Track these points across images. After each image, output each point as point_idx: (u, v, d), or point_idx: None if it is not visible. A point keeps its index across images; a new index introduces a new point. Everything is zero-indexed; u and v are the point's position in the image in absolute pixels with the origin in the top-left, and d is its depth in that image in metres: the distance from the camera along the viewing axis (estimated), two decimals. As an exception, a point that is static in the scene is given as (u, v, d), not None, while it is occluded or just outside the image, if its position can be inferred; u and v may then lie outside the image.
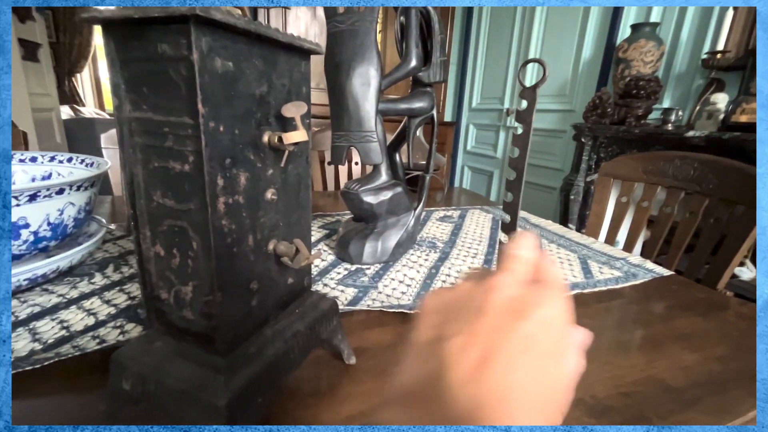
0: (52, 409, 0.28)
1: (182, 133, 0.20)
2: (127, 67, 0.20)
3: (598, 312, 0.48)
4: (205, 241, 0.21)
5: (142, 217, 0.22)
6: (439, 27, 0.56)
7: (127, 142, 0.21)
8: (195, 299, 0.22)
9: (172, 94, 0.19)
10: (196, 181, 0.20)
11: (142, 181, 0.22)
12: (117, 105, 0.21)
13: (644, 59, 1.34)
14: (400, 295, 0.49)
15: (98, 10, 0.18)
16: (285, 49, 0.24)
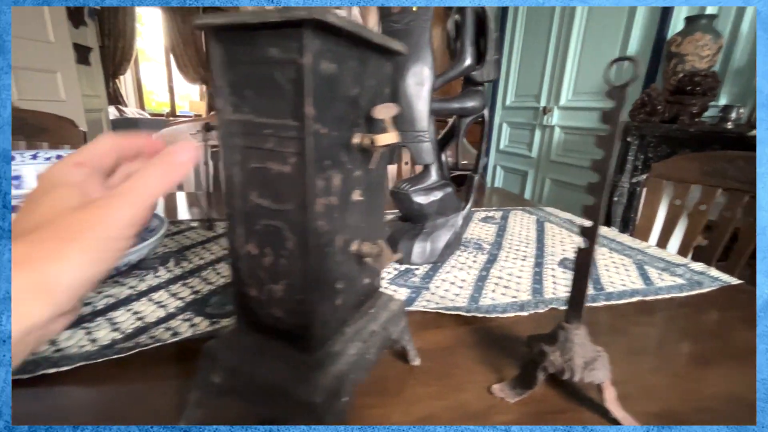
0: (134, 398, 0.30)
1: (284, 135, 0.20)
2: (232, 71, 0.20)
3: (665, 321, 0.46)
4: (301, 241, 0.21)
5: (236, 216, 0.23)
6: (495, 25, 0.55)
7: (227, 144, 0.22)
8: (285, 297, 0.23)
9: (277, 96, 0.20)
10: (296, 183, 0.20)
11: (239, 182, 0.22)
12: (219, 107, 0.21)
13: (700, 53, 1.26)
14: (453, 297, 0.48)
15: (213, 17, 0.19)
16: (375, 50, 0.24)
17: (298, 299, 0.23)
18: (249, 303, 0.24)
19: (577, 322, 0.30)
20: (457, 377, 0.34)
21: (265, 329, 0.25)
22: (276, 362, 0.23)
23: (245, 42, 0.19)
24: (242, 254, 0.23)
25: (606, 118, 0.27)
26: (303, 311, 0.23)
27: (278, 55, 0.19)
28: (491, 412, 0.30)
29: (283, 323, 0.24)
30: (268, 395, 0.22)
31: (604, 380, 0.29)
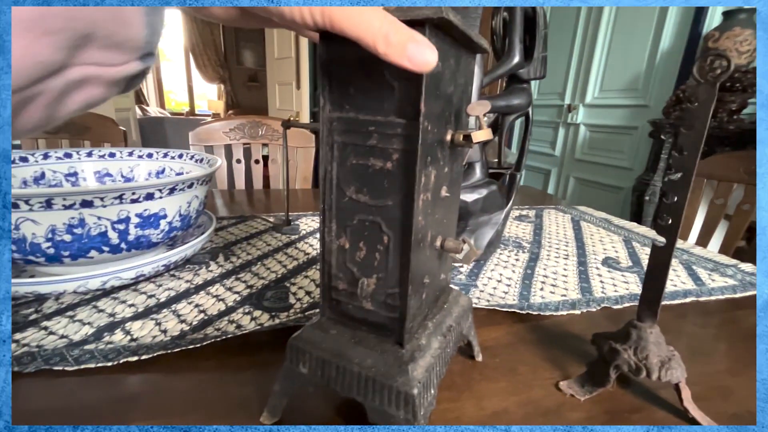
0: (213, 386, 0.31)
1: (390, 132, 0.20)
2: (337, 69, 0.21)
3: (725, 322, 0.45)
4: (399, 236, 0.22)
5: (330, 211, 0.23)
6: (544, 22, 0.55)
7: (326, 140, 0.22)
8: (378, 291, 0.23)
9: (385, 95, 0.20)
10: (397, 178, 0.21)
11: (335, 178, 0.23)
12: (321, 105, 0.22)
13: (739, 49, 1.22)
14: (503, 295, 0.48)
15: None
16: (466, 47, 0.24)
17: (390, 293, 0.23)
18: (338, 296, 0.25)
19: (652, 321, 0.30)
20: (523, 373, 0.34)
21: (352, 322, 0.25)
22: (368, 354, 0.24)
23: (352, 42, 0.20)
24: (334, 248, 0.24)
25: (691, 115, 0.26)
26: (394, 304, 0.23)
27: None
28: (562, 409, 0.30)
29: (374, 316, 0.24)
30: (362, 386, 0.23)
31: (681, 379, 0.29)
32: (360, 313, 0.25)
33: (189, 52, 5.31)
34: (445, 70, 0.21)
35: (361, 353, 0.24)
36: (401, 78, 0.19)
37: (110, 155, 0.63)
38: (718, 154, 0.90)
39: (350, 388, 0.23)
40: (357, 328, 0.25)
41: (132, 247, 0.44)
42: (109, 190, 0.38)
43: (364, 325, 0.25)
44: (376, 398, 0.23)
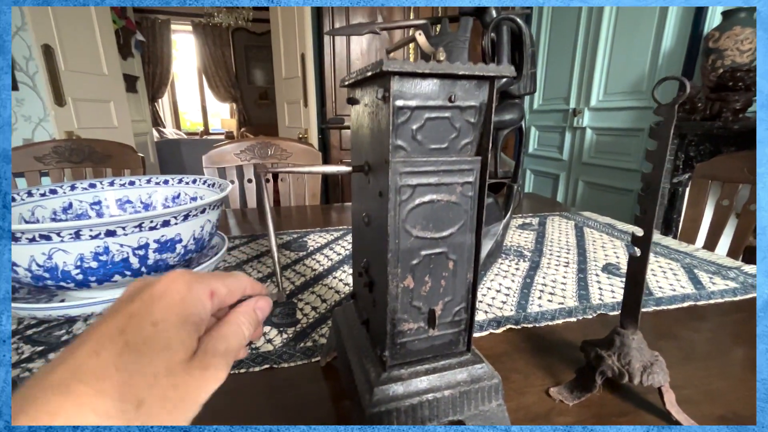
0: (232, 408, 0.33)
1: (454, 168, 0.23)
2: (403, 114, 0.22)
3: (721, 325, 0.46)
4: (465, 257, 0.25)
5: (395, 256, 0.24)
6: (530, 40, 0.57)
7: (391, 186, 0.23)
8: (444, 315, 0.26)
9: (447, 136, 0.23)
10: (460, 208, 0.24)
11: (400, 221, 0.23)
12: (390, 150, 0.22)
13: (740, 48, 1.22)
14: (501, 305, 0.50)
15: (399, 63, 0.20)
16: None
17: (456, 311, 0.26)
18: (402, 339, 0.26)
19: (634, 328, 0.32)
20: (515, 381, 0.35)
21: (417, 356, 0.26)
22: (451, 374, 0.26)
23: (421, 88, 0.21)
24: (399, 292, 0.25)
25: (654, 134, 0.28)
26: (459, 320, 0.26)
27: (460, 101, 0.22)
28: (551, 414, 0.32)
29: (439, 339, 0.26)
30: (457, 404, 0.25)
31: (663, 383, 0.30)
32: (425, 343, 0.26)
33: (202, 74, 5.50)
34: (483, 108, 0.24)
35: (445, 378, 0.26)
36: (467, 122, 0.23)
37: (130, 183, 0.68)
38: (722, 155, 0.90)
39: (446, 413, 0.25)
40: (423, 360, 0.26)
41: (151, 270, 0.48)
42: (130, 220, 0.42)
43: (430, 353, 0.27)
44: (472, 405, 0.26)
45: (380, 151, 0.23)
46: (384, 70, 0.20)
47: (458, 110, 0.22)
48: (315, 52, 2.06)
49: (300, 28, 1.94)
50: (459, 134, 0.23)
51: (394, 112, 0.21)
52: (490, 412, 0.26)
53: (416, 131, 0.22)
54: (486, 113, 0.23)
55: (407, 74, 0.21)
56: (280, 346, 0.41)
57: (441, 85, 0.21)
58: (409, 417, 0.25)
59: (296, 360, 0.38)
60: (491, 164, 0.66)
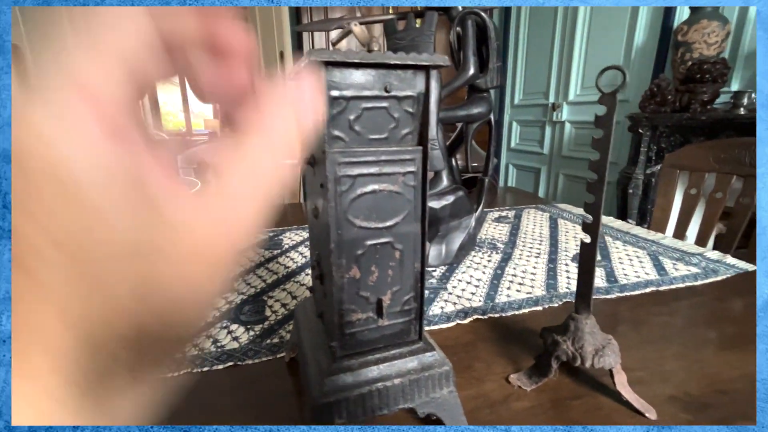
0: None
1: (395, 158, 0.23)
2: (339, 105, 0.22)
3: (678, 309, 0.47)
4: (411, 246, 0.25)
5: (339, 247, 0.24)
6: (495, 34, 0.58)
7: (330, 177, 0.22)
8: (393, 304, 0.26)
9: (386, 126, 0.23)
10: (404, 198, 0.24)
11: (342, 212, 0.23)
12: (325, 141, 0.22)
13: (707, 41, 1.25)
14: (470, 296, 0.51)
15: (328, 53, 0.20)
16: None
17: (405, 300, 0.26)
18: (352, 329, 0.26)
19: (587, 312, 0.33)
20: (477, 369, 0.36)
21: (367, 346, 0.26)
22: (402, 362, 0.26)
23: (356, 78, 0.21)
24: (344, 282, 0.25)
25: (599, 122, 0.29)
26: (409, 308, 0.26)
27: (397, 91, 0.22)
28: (509, 399, 0.32)
29: (390, 329, 0.26)
30: (407, 392, 0.26)
31: (614, 365, 0.31)
32: (376, 333, 0.26)
33: (182, 74, 5.40)
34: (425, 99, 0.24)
35: (395, 367, 0.26)
36: (407, 112, 0.23)
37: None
38: (689, 145, 0.93)
39: (396, 401, 0.25)
40: (374, 349, 0.27)
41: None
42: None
43: (380, 342, 0.27)
44: (423, 393, 0.26)
45: (320, 142, 0.23)
46: (315, 60, 0.20)
47: (395, 100, 0.22)
48: (293, 50, 2.05)
49: (278, 25, 1.92)
50: (398, 124, 0.23)
51: (329, 104, 0.21)
52: (442, 399, 0.26)
53: (353, 122, 0.22)
54: (424, 103, 0.23)
55: (339, 64, 0.21)
56: (246, 344, 0.41)
57: (376, 75, 0.21)
58: (358, 406, 0.25)
59: (261, 356, 0.38)
60: (462, 158, 0.67)
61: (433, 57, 0.21)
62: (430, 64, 0.22)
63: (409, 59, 0.21)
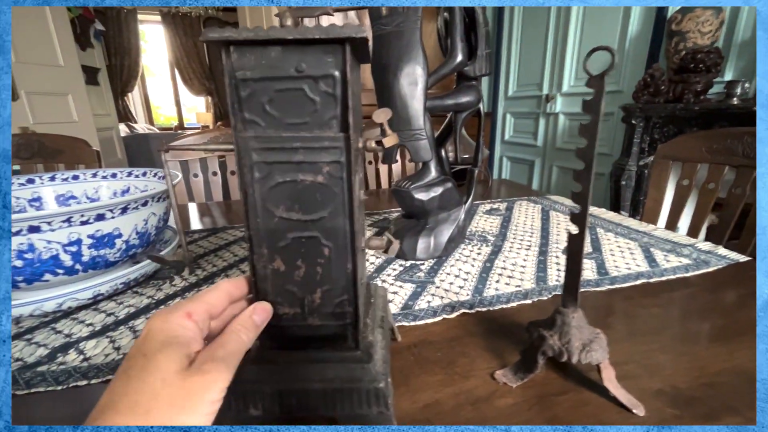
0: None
1: (317, 146, 0.21)
2: (248, 87, 0.20)
3: (668, 301, 0.46)
4: (341, 245, 0.23)
5: (258, 235, 0.23)
6: (484, 19, 0.56)
7: (245, 162, 0.21)
8: (324, 304, 0.24)
9: (305, 110, 0.21)
10: (330, 190, 0.22)
11: (260, 199, 0.22)
12: (233, 124, 0.21)
13: (701, 30, 1.24)
14: (458, 290, 0.49)
15: (224, 32, 0.19)
16: (361, 59, 0.25)
17: (337, 302, 0.24)
18: (278, 322, 0.24)
19: (574, 306, 0.31)
20: (462, 365, 0.35)
21: (297, 343, 0.25)
22: (327, 367, 0.24)
23: (265, 57, 0.20)
24: (268, 274, 0.24)
25: (587, 107, 0.27)
26: (343, 311, 0.24)
27: (310, 71, 0.20)
28: (494, 396, 0.31)
29: (323, 329, 0.25)
30: (329, 399, 0.24)
31: (601, 360, 0.30)
32: (306, 332, 0.25)
33: (174, 67, 5.31)
34: (354, 83, 0.22)
35: (318, 370, 0.24)
36: (325, 93, 0.20)
37: (74, 178, 0.64)
38: (681, 136, 0.92)
39: (316, 407, 0.24)
40: (305, 347, 0.25)
41: (88, 267, 0.45)
42: (56, 215, 0.39)
43: (313, 342, 0.25)
44: (346, 406, 0.24)
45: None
46: (215, 39, 0.18)
47: (311, 80, 0.20)
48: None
49: (267, 16, 1.88)
50: (319, 107, 0.21)
51: (236, 85, 0.20)
52: (369, 418, 0.24)
53: (267, 104, 0.20)
54: (342, 84, 0.20)
55: (241, 42, 0.19)
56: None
57: (285, 53, 0.19)
58: (275, 403, 0.23)
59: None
60: (452, 150, 0.65)
61: (348, 29, 0.19)
62: (346, 37, 0.19)
63: (318, 32, 0.19)
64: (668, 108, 1.30)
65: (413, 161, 0.56)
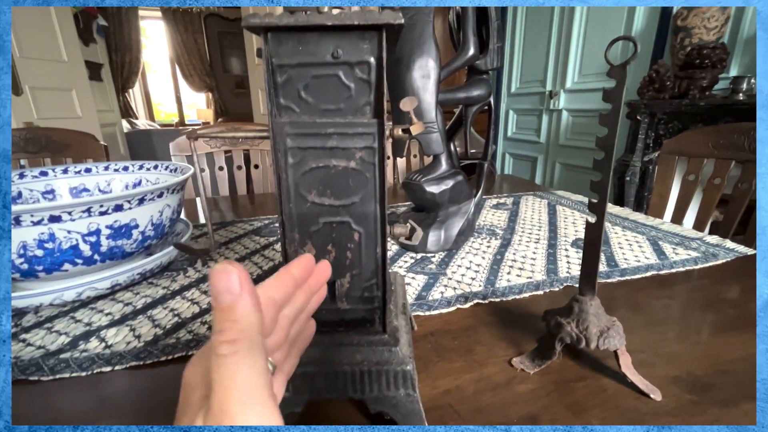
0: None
1: (351, 132, 0.21)
2: (284, 73, 0.21)
3: (680, 292, 0.47)
4: (372, 230, 0.23)
5: (291, 220, 0.23)
6: (496, 13, 0.56)
7: (278, 147, 0.22)
8: (353, 288, 0.24)
9: (340, 96, 0.21)
10: (362, 176, 0.22)
11: (293, 184, 0.22)
12: (269, 110, 0.21)
13: (707, 25, 1.24)
14: (470, 281, 0.50)
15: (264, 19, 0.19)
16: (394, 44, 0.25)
17: (366, 286, 0.24)
18: None
19: (591, 294, 0.32)
20: (479, 353, 0.35)
21: (327, 327, 0.25)
22: (355, 349, 0.25)
23: (303, 43, 0.20)
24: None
25: (608, 96, 0.28)
26: (371, 296, 0.25)
27: (346, 57, 0.20)
28: (513, 382, 0.32)
29: (351, 313, 0.25)
30: (357, 382, 0.24)
31: (619, 347, 0.31)
32: (335, 316, 0.25)
33: (175, 63, 5.30)
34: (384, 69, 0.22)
35: (347, 353, 0.25)
36: (360, 79, 0.21)
37: (86, 171, 0.64)
38: (687, 131, 0.92)
39: (345, 389, 0.24)
40: (333, 331, 0.26)
41: (106, 257, 0.45)
42: (77, 204, 0.40)
43: (341, 326, 0.26)
44: (375, 388, 0.24)
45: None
46: (255, 25, 0.18)
47: (347, 67, 0.20)
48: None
49: (270, 11, 1.88)
50: (353, 94, 0.21)
51: (272, 71, 0.20)
52: (396, 400, 0.24)
53: (302, 90, 0.20)
54: (377, 70, 0.21)
55: (279, 28, 0.19)
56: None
57: (322, 40, 0.20)
58: (306, 383, 0.24)
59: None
60: (461, 144, 0.66)
61: (387, 15, 0.19)
62: (383, 23, 0.19)
63: (357, 18, 0.19)
64: (673, 104, 1.30)
65: (425, 154, 0.56)
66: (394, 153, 0.56)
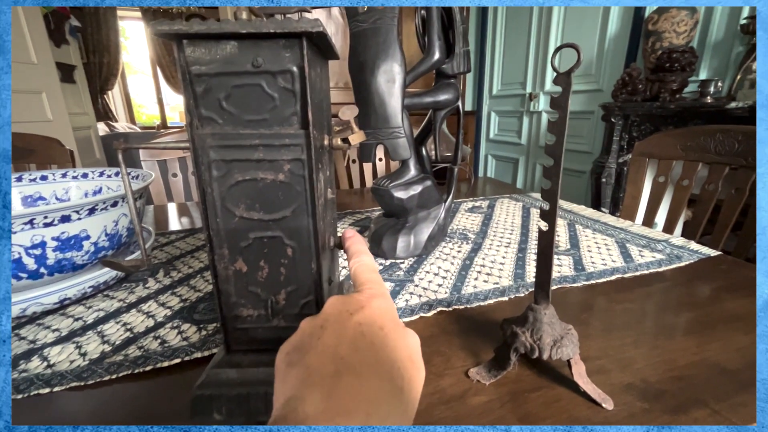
0: (137, 410, 0.31)
1: (278, 143, 0.20)
2: (203, 83, 0.20)
3: (642, 296, 0.47)
4: (305, 245, 0.22)
5: (219, 236, 0.22)
6: (461, 17, 0.56)
7: (202, 161, 0.21)
8: (289, 306, 0.23)
9: (264, 106, 0.20)
10: (292, 189, 0.21)
11: (219, 198, 0.21)
12: (188, 121, 0.20)
13: (677, 30, 1.27)
14: (436, 288, 0.49)
15: (177, 25, 0.18)
16: (325, 55, 0.24)
17: (303, 303, 0.23)
18: (243, 324, 0.24)
19: (546, 303, 0.32)
20: (437, 364, 0.35)
21: (265, 345, 0.24)
22: None
23: (219, 52, 0.19)
24: (230, 275, 0.23)
25: (554, 104, 0.28)
26: (310, 313, 0.23)
27: (268, 66, 0.19)
28: (467, 394, 0.31)
29: (288, 332, 0.24)
30: None
31: (572, 356, 0.30)
32: (272, 333, 0.24)
33: (156, 64, 5.19)
34: (316, 79, 0.22)
35: None
36: (283, 89, 0.20)
37: (42, 178, 0.62)
38: (657, 134, 0.94)
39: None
40: (272, 349, 0.24)
41: (54, 271, 0.43)
42: (17, 216, 0.38)
43: (279, 344, 0.24)
44: None
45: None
46: (166, 32, 0.17)
47: (270, 76, 0.19)
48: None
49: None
50: (278, 104, 0.20)
51: (190, 81, 0.19)
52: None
53: (224, 101, 0.20)
54: (301, 79, 0.20)
55: (195, 36, 0.18)
56: (196, 342, 0.38)
57: (242, 48, 0.19)
58: (241, 406, 0.23)
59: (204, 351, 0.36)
60: (431, 148, 0.65)
61: (305, 23, 0.18)
62: (302, 31, 0.18)
63: (274, 26, 0.18)
64: (645, 106, 1.33)
65: (392, 160, 0.56)
66: (361, 158, 0.56)
